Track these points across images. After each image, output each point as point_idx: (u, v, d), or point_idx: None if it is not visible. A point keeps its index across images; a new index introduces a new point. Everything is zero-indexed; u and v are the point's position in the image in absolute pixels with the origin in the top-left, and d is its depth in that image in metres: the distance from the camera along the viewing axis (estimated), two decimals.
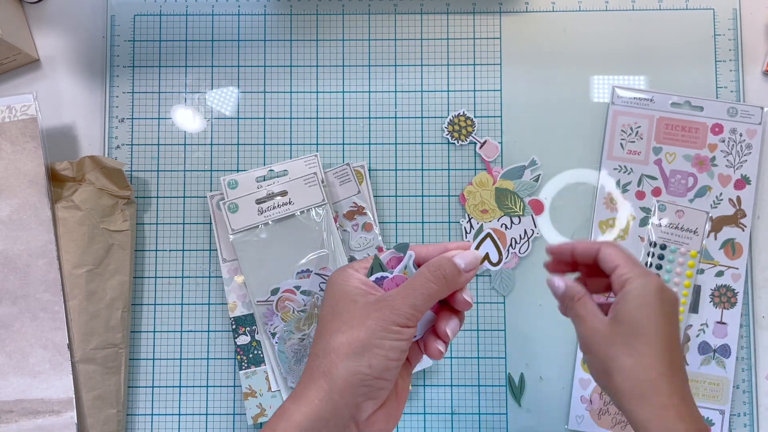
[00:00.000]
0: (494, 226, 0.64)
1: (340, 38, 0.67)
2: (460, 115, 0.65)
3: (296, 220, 0.62)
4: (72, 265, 0.60)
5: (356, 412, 0.37)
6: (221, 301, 0.65)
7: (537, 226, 0.64)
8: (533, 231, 0.64)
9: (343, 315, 0.38)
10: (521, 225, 0.64)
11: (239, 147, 0.66)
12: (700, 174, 0.64)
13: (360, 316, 0.37)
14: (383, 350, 0.36)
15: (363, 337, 0.36)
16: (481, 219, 0.64)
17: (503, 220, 0.64)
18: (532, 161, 0.65)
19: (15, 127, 0.61)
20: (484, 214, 0.64)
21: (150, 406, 0.64)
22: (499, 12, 0.67)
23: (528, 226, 0.64)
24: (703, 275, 0.63)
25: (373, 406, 0.37)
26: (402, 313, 0.37)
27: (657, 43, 0.66)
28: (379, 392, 0.37)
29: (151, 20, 0.67)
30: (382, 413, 0.38)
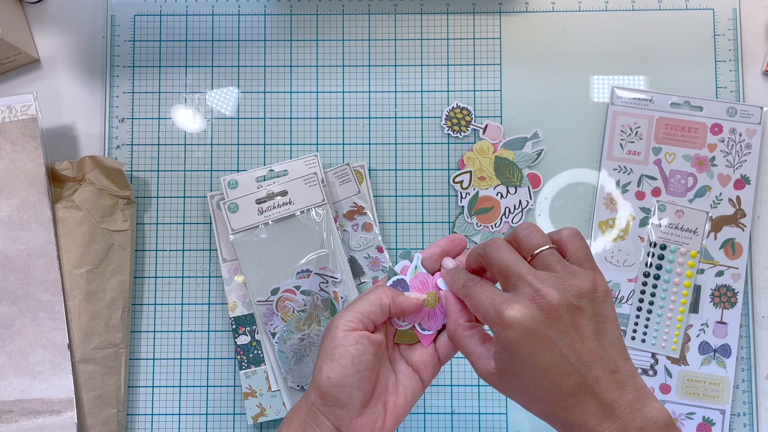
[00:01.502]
0: (490, 193, 0.64)
1: (340, 38, 0.67)
2: (455, 108, 0.65)
3: (296, 220, 0.62)
4: (72, 265, 0.60)
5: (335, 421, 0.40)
6: (221, 301, 0.65)
7: (532, 198, 0.64)
8: (528, 203, 0.64)
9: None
10: (517, 195, 0.64)
11: (239, 147, 0.66)
12: (699, 174, 0.64)
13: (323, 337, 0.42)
14: (335, 359, 0.40)
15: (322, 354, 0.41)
16: (478, 186, 0.64)
17: (499, 188, 0.64)
18: (534, 134, 0.65)
19: (15, 127, 0.61)
20: (481, 181, 0.64)
21: (150, 406, 0.64)
22: (499, 12, 0.67)
23: (523, 198, 0.64)
24: (703, 275, 0.63)
25: (349, 414, 0.40)
26: (343, 322, 0.40)
27: (657, 43, 0.66)
28: (349, 399, 0.40)
29: (151, 20, 0.67)
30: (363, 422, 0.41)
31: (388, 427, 0.42)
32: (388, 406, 0.42)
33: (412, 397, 0.43)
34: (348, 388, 0.40)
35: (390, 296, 0.42)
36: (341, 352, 0.40)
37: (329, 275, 0.62)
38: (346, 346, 0.40)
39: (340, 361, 0.40)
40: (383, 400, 0.42)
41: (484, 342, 0.41)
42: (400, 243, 0.65)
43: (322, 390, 0.40)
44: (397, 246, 0.65)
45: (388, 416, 0.42)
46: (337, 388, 0.40)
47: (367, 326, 0.41)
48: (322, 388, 0.40)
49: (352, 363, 0.40)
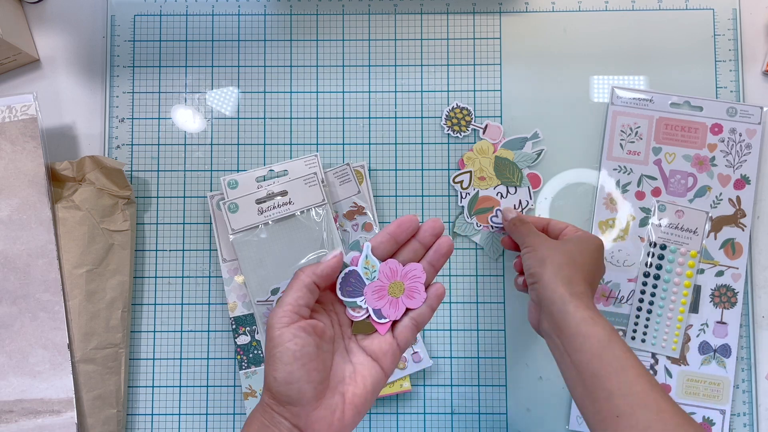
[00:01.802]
0: (490, 193, 0.64)
1: (340, 38, 0.67)
2: (455, 108, 0.65)
3: (296, 220, 0.62)
4: (72, 265, 0.60)
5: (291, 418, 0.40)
6: (221, 301, 0.65)
7: (532, 198, 0.64)
8: (528, 202, 0.64)
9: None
10: (517, 195, 0.64)
11: (239, 147, 0.66)
12: (699, 174, 0.64)
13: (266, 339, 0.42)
14: (277, 358, 0.40)
15: (266, 356, 0.41)
16: (478, 186, 0.64)
17: (499, 188, 0.64)
18: (534, 134, 0.65)
19: (15, 127, 0.61)
20: (481, 181, 0.64)
21: (150, 406, 0.64)
22: (499, 12, 0.67)
23: (523, 197, 0.64)
24: (703, 275, 0.63)
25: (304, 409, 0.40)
26: (275, 320, 0.41)
27: (657, 43, 0.66)
28: (300, 395, 0.40)
29: (151, 20, 0.67)
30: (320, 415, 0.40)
31: (348, 417, 0.41)
32: (346, 396, 0.42)
33: (372, 386, 0.43)
34: (296, 384, 0.40)
35: (309, 273, 0.42)
36: (281, 350, 0.40)
37: None
38: (285, 343, 0.40)
39: (282, 359, 0.40)
40: (341, 391, 0.42)
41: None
42: None
43: (272, 390, 0.40)
44: None
45: (347, 406, 0.41)
46: (285, 386, 0.40)
47: (301, 314, 0.41)
48: (272, 389, 0.40)
49: (294, 358, 0.40)
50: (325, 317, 0.44)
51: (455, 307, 0.65)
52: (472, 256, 0.65)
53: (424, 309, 0.45)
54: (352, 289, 0.44)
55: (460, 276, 0.65)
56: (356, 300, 0.44)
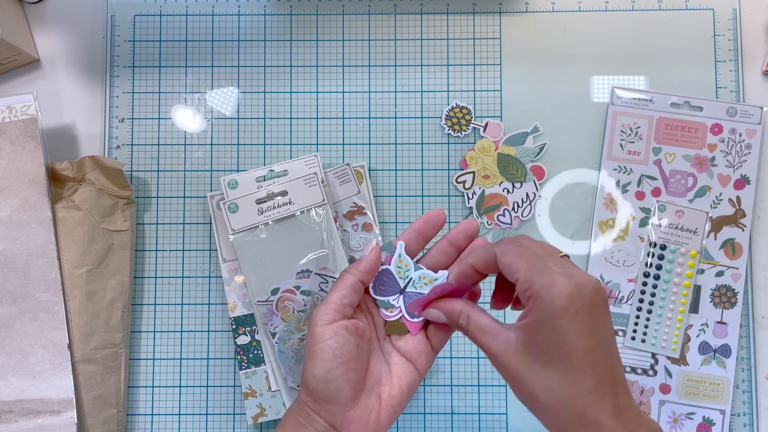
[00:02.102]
0: (496, 190, 0.64)
1: (340, 38, 0.67)
2: (455, 107, 0.65)
3: (296, 220, 0.62)
4: (72, 265, 0.60)
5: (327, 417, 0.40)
6: (221, 301, 0.65)
7: (539, 190, 0.64)
8: (535, 194, 0.64)
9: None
10: (523, 189, 0.64)
11: (239, 147, 0.66)
12: (699, 174, 0.64)
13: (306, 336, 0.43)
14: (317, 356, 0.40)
15: (305, 353, 0.41)
16: (482, 184, 0.64)
17: (505, 184, 0.64)
18: (534, 128, 0.65)
19: (15, 127, 0.61)
20: (486, 180, 0.64)
21: (150, 406, 0.64)
22: (499, 12, 0.67)
23: (530, 190, 0.64)
24: (703, 275, 0.63)
25: (341, 408, 0.40)
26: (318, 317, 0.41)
27: (657, 43, 0.66)
28: (337, 393, 0.40)
29: (151, 20, 0.67)
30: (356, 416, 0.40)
31: (384, 419, 0.41)
32: (382, 397, 0.42)
33: (408, 387, 0.42)
34: (334, 382, 0.40)
35: (354, 272, 0.42)
36: (321, 347, 0.40)
37: (329, 275, 0.61)
38: (326, 341, 0.40)
39: (322, 356, 0.40)
40: (377, 392, 0.42)
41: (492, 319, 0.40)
42: None
43: (309, 388, 0.40)
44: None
45: (383, 407, 0.41)
46: (323, 383, 0.40)
47: (344, 313, 0.41)
48: (309, 386, 0.40)
49: (334, 356, 0.40)
50: (362, 317, 0.44)
51: None
52: None
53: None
54: (385, 288, 0.44)
55: None
56: (389, 299, 0.44)
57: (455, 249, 0.44)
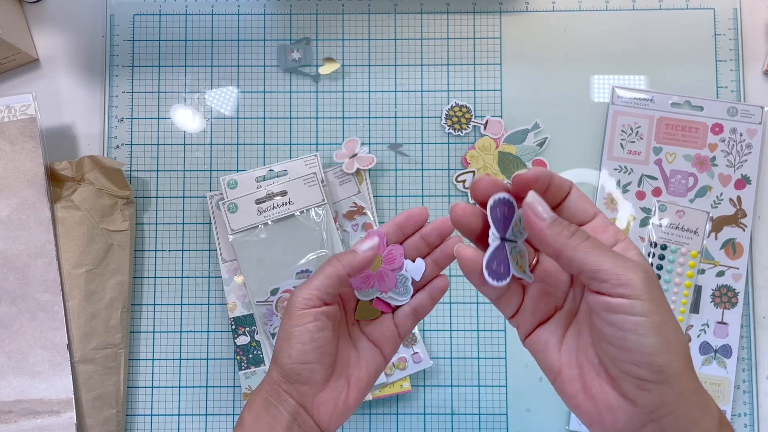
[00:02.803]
0: None
1: (340, 38, 0.67)
2: (455, 106, 0.65)
3: (296, 220, 0.62)
4: (71, 265, 0.60)
5: (298, 398, 0.41)
6: (221, 301, 0.65)
7: None
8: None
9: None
10: None
11: (239, 147, 0.66)
12: (700, 174, 0.64)
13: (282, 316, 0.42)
14: (294, 338, 0.40)
15: (281, 333, 0.41)
16: None
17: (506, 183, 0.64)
18: (535, 124, 0.65)
19: (14, 127, 0.60)
20: None
21: (149, 407, 0.64)
22: (499, 12, 0.67)
23: None
24: (703, 275, 0.63)
25: (312, 389, 0.41)
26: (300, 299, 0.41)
27: (657, 43, 0.66)
28: (311, 375, 0.41)
29: (151, 20, 0.67)
30: (326, 397, 0.41)
31: (351, 400, 0.42)
32: (351, 380, 0.43)
33: (374, 371, 0.44)
34: (309, 364, 0.41)
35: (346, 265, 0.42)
36: (300, 330, 0.40)
37: None
38: (304, 324, 0.40)
39: (299, 339, 0.40)
40: (345, 375, 0.43)
41: None
42: None
43: (284, 368, 0.41)
44: None
45: (351, 390, 0.43)
46: (298, 365, 0.40)
47: (325, 300, 0.41)
48: (284, 367, 0.41)
49: (311, 340, 0.40)
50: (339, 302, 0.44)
51: (455, 307, 0.64)
52: None
53: (426, 299, 0.44)
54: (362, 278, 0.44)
55: (460, 276, 0.65)
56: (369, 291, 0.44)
57: (427, 245, 0.45)
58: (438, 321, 0.64)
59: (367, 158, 0.63)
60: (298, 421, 0.41)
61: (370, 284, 0.44)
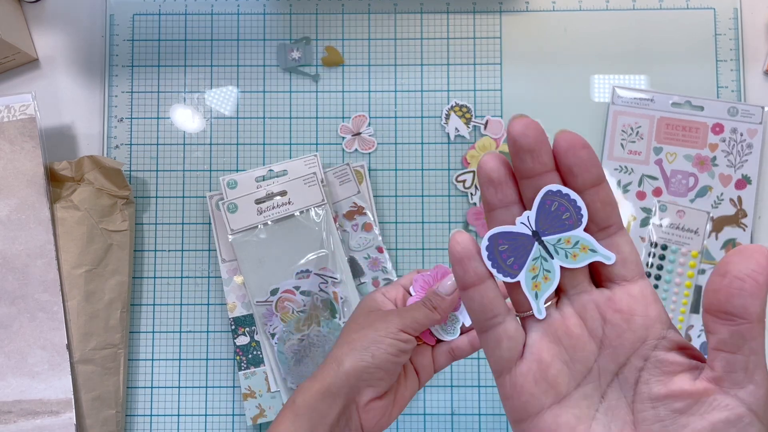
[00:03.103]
0: None
1: (340, 38, 0.67)
2: (454, 106, 0.65)
3: (296, 220, 0.62)
4: (71, 266, 0.60)
5: (357, 396, 0.44)
6: (221, 302, 0.65)
7: None
8: None
9: (360, 320, 0.46)
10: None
11: (239, 147, 0.66)
12: (700, 174, 0.64)
13: (373, 320, 0.45)
14: (384, 345, 0.43)
15: (371, 335, 0.44)
16: None
17: None
18: None
19: (14, 127, 0.60)
20: None
21: (149, 407, 0.64)
22: (499, 12, 0.67)
23: None
24: (704, 275, 0.63)
25: (373, 393, 0.44)
26: (402, 322, 0.44)
27: (658, 43, 0.66)
28: (379, 382, 0.44)
29: (151, 20, 0.67)
30: (379, 404, 0.45)
31: (394, 414, 0.46)
32: (397, 396, 0.46)
33: (411, 393, 0.47)
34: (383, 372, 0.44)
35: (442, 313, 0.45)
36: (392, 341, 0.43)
37: (329, 275, 0.61)
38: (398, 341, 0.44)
39: (388, 349, 0.43)
40: (395, 391, 0.46)
41: None
42: (400, 243, 0.65)
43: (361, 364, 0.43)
44: (397, 246, 0.65)
45: (396, 405, 0.46)
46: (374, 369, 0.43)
47: (417, 333, 0.45)
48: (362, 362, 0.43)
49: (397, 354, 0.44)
50: None
51: None
52: None
53: (466, 344, 0.47)
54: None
55: None
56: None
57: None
58: None
59: (368, 141, 0.64)
60: (346, 416, 0.43)
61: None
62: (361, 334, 0.45)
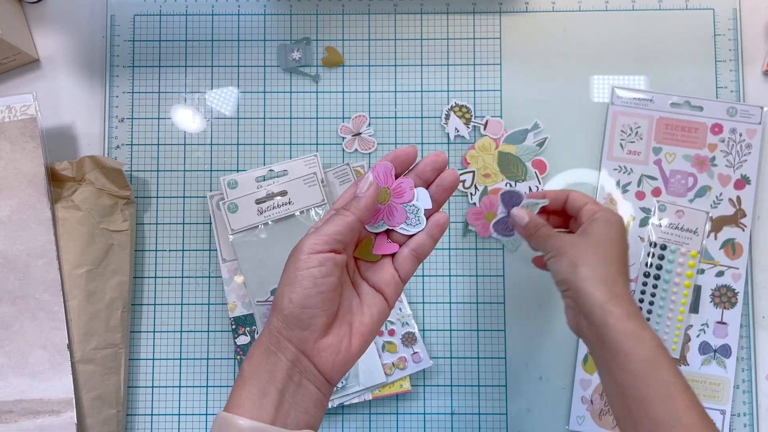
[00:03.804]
0: (500, 186, 0.64)
1: (340, 38, 0.67)
2: (454, 106, 0.65)
3: (296, 220, 0.62)
4: (72, 265, 0.60)
5: (299, 344, 0.40)
6: (221, 301, 0.65)
7: (542, 183, 0.64)
8: (538, 188, 0.64)
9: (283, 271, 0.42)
10: (526, 183, 0.64)
11: (239, 147, 0.66)
12: (700, 174, 0.64)
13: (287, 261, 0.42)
14: (297, 282, 0.40)
15: (284, 278, 0.41)
16: (483, 183, 0.64)
17: (507, 182, 0.65)
18: (535, 125, 0.65)
19: (15, 127, 0.61)
20: (486, 178, 0.64)
21: (150, 406, 0.64)
22: (499, 12, 0.67)
23: (533, 185, 0.64)
24: (703, 275, 0.63)
25: (313, 335, 0.40)
26: (307, 244, 0.40)
27: (657, 43, 0.66)
28: (312, 320, 0.40)
29: (151, 20, 0.67)
30: (328, 342, 0.41)
31: (354, 346, 0.42)
32: (353, 326, 0.42)
33: (378, 317, 0.43)
34: (310, 309, 0.40)
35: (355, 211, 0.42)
36: (303, 274, 0.40)
37: None
38: (309, 268, 0.40)
39: (302, 283, 0.40)
40: (348, 321, 0.42)
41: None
42: None
43: (285, 313, 0.40)
44: None
45: (354, 336, 0.42)
46: (299, 309, 0.40)
47: (334, 248, 0.41)
48: (284, 311, 0.40)
49: (314, 284, 0.40)
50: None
51: (455, 307, 0.64)
52: (472, 256, 0.65)
53: (425, 238, 0.44)
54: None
55: (460, 276, 0.65)
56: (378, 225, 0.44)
57: (423, 181, 0.45)
58: (438, 321, 0.64)
59: (369, 141, 0.64)
60: (299, 368, 0.40)
61: (378, 218, 0.44)
62: (280, 282, 0.41)
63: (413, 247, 0.44)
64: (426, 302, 0.64)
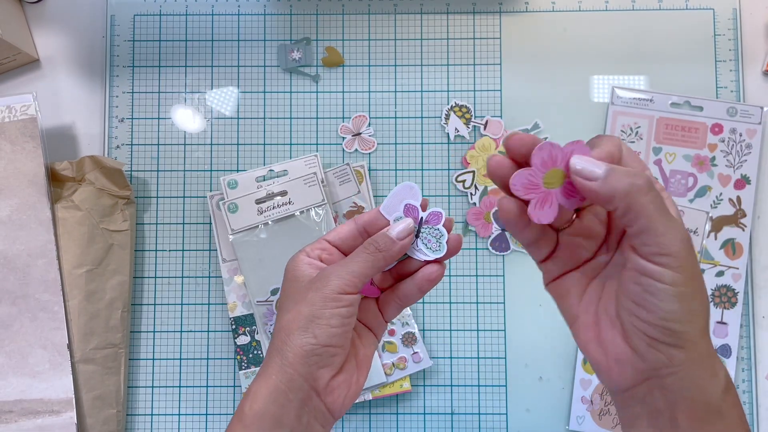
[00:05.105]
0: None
1: (340, 38, 0.67)
2: (454, 106, 0.65)
3: (296, 220, 0.62)
4: (72, 265, 0.60)
5: (313, 382, 0.38)
6: (221, 301, 0.65)
7: None
8: None
9: (290, 295, 0.40)
10: None
11: (239, 147, 0.66)
12: (700, 174, 0.64)
13: (303, 291, 0.39)
14: (325, 319, 0.38)
15: (306, 311, 0.38)
16: (483, 183, 0.64)
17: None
18: (535, 125, 0.65)
19: (15, 127, 0.61)
20: (486, 178, 0.64)
21: (150, 406, 0.64)
22: (499, 12, 0.67)
23: None
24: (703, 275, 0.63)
25: (329, 372, 0.39)
26: (338, 283, 0.38)
27: (657, 43, 0.66)
28: (332, 359, 0.39)
29: (151, 20, 0.67)
30: (341, 379, 0.40)
31: (362, 380, 0.41)
32: (358, 359, 0.41)
33: (372, 351, 0.43)
34: (333, 348, 0.39)
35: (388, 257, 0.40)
36: (332, 312, 0.38)
37: None
38: (339, 308, 0.38)
39: (330, 321, 0.38)
40: (353, 354, 0.41)
41: None
42: None
43: (305, 349, 0.38)
44: None
45: (360, 369, 0.41)
46: (322, 347, 0.38)
47: (359, 288, 0.39)
48: (305, 347, 0.38)
49: (341, 324, 0.38)
50: None
51: (455, 307, 0.64)
52: (472, 256, 0.65)
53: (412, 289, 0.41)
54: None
55: (460, 276, 0.65)
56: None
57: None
58: (438, 321, 0.64)
59: (369, 141, 0.64)
60: (308, 408, 0.38)
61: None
62: (295, 312, 0.39)
63: (400, 295, 0.42)
64: (426, 302, 0.64)
